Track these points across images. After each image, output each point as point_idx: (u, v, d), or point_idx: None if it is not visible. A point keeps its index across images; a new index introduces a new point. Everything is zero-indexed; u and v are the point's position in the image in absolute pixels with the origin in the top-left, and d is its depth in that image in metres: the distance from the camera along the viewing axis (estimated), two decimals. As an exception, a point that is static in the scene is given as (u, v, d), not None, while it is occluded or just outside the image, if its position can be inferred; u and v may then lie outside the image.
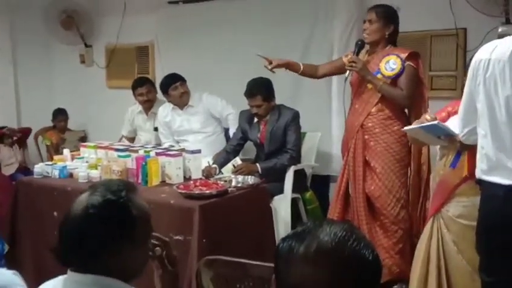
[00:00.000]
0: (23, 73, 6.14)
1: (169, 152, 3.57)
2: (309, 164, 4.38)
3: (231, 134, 4.42)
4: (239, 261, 2.00)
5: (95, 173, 3.56)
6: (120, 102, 5.41)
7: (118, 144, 4.16)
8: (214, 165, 3.88)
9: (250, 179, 3.55)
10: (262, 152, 4.16)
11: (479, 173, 2.32)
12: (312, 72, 3.75)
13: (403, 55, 3.34)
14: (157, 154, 3.55)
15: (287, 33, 4.71)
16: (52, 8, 5.91)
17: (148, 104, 4.91)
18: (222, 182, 3.33)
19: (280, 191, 3.97)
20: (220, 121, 4.60)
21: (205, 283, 2.01)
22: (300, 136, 4.15)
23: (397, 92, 3.35)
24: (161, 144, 4.44)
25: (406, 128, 2.96)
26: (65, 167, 3.73)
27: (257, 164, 4.00)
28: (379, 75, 3.36)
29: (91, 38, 6.16)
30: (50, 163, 3.92)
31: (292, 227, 3.75)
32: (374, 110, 3.39)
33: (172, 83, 4.44)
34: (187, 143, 4.42)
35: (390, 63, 3.34)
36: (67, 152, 4.09)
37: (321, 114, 4.60)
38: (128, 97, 5.04)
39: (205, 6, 5.20)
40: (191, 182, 3.33)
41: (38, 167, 3.79)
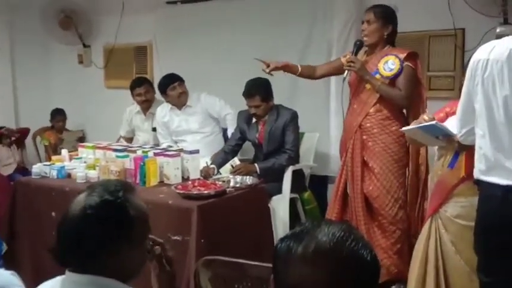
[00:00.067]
0: (21, 73, 6.14)
1: (167, 152, 3.57)
2: (308, 164, 4.38)
3: (229, 134, 4.42)
4: (237, 261, 2.00)
5: (93, 174, 3.56)
6: (118, 103, 5.40)
7: (116, 144, 4.15)
8: (213, 166, 3.87)
9: (249, 179, 3.55)
10: (260, 152, 4.16)
11: (477, 173, 2.32)
12: (310, 74, 3.74)
13: (402, 55, 3.33)
14: (155, 154, 3.55)
15: (286, 33, 4.70)
16: (50, 8, 5.91)
17: (146, 104, 4.91)
18: (220, 182, 3.33)
19: (279, 191, 3.97)
20: (218, 121, 4.60)
21: (203, 283, 2.00)
22: (298, 136, 4.15)
23: (395, 92, 3.35)
24: (160, 145, 4.45)
25: (404, 128, 2.96)
26: (63, 167, 3.72)
27: (255, 164, 4.00)
28: (377, 75, 3.36)
29: (89, 38, 6.16)
30: (48, 163, 3.92)
31: (290, 227, 3.75)
32: (372, 110, 3.39)
33: (170, 83, 4.44)
34: (185, 143, 4.41)
35: (388, 64, 3.34)
36: (65, 152, 4.08)
37: (319, 114, 4.60)
38: (127, 97, 5.04)
39: (203, 6, 5.20)
40: (189, 182, 3.32)
41: (36, 167, 3.78)
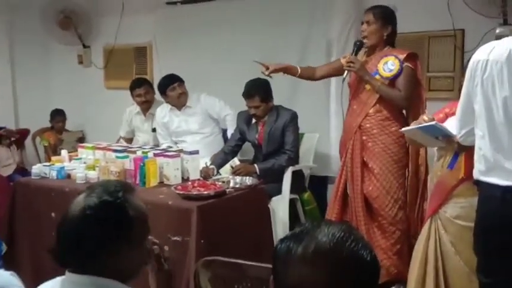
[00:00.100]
0: (21, 73, 6.14)
1: (167, 153, 3.56)
2: (307, 164, 4.38)
3: (229, 135, 4.42)
4: (237, 262, 2.00)
5: (93, 174, 3.56)
6: (118, 103, 5.40)
7: (116, 145, 4.15)
8: (212, 166, 3.87)
9: (248, 180, 3.55)
10: (260, 153, 4.16)
11: (476, 174, 2.32)
12: (310, 75, 3.74)
13: (401, 56, 3.33)
14: (155, 155, 3.54)
15: (285, 33, 4.71)
16: (50, 8, 5.90)
17: (146, 105, 4.91)
18: (219, 183, 3.33)
19: (278, 191, 3.97)
20: (218, 122, 4.60)
21: (203, 284, 2.00)
22: (298, 137, 4.15)
23: (395, 93, 3.35)
24: (159, 145, 4.44)
25: (404, 129, 2.96)
26: (62, 167, 3.72)
27: (255, 165, 3.99)
28: (377, 76, 3.36)
29: (89, 38, 6.16)
30: (47, 164, 3.91)
31: (290, 228, 3.74)
32: (372, 111, 3.39)
33: (170, 84, 4.44)
34: (185, 143, 4.41)
35: (388, 64, 3.34)
36: (64, 152, 4.07)
37: (319, 115, 4.60)
38: (126, 98, 5.03)
39: (203, 7, 5.20)
40: (189, 183, 3.32)
41: (36, 168, 3.78)
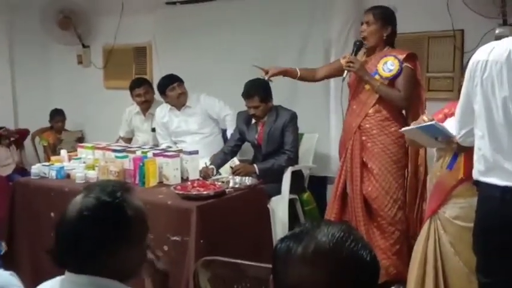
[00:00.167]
0: (20, 73, 6.13)
1: (167, 153, 3.56)
2: (307, 165, 4.38)
3: (229, 135, 4.42)
4: (236, 262, 2.00)
5: (93, 174, 3.55)
6: (117, 103, 5.40)
7: (115, 145, 4.15)
8: (212, 166, 3.87)
9: (248, 180, 3.55)
10: (259, 153, 4.16)
11: (476, 174, 2.32)
12: (310, 77, 3.74)
13: (401, 56, 3.33)
14: (155, 155, 3.54)
15: (285, 33, 4.71)
16: (50, 8, 5.90)
17: (146, 105, 4.91)
18: (219, 183, 3.33)
19: (278, 192, 3.97)
20: (217, 122, 4.60)
21: (202, 284, 2.01)
22: (297, 137, 4.14)
23: (394, 93, 3.35)
24: (159, 145, 4.44)
25: (404, 129, 2.95)
26: (62, 167, 3.72)
27: (254, 165, 3.99)
28: (377, 76, 3.36)
29: (88, 38, 6.16)
30: (47, 164, 3.91)
31: (289, 228, 3.72)
32: (371, 111, 3.39)
33: (170, 84, 4.44)
34: (185, 143, 4.41)
35: (388, 65, 3.34)
36: (64, 152, 4.07)
37: (318, 115, 4.60)
38: (126, 98, 5.03)
39: (202, 7, 5.20)
40: (188, 183, 3.32)
41: (35, 168, 3.78)
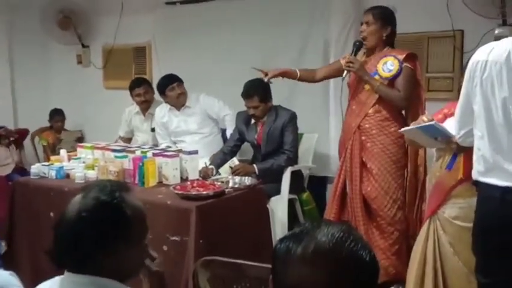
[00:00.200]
0: (20, 73, 6.13)
1: (166, 153, 3.56)
2: (306, 165, 4.38)
3: (228, 135, 4.42)
4: (236, 262, 2.00)
5: (92, 174, 3.56)
6: (117, 103, 5.40)
7: (115, 144, 4.15)
8: (211, 166, 3.87)
9: (247, 180, 3.55)
10: (259, 153, 4.16)
11: (475, 175, 2.32)
12: (310, 78, 3.74)
13: (401, 56, 3.33)
14: (154, 155, 3.54)
15: (285, 33, 4.71)
16: (49, 8, 5.90)
17: (146, 105, 4.91)
18: (218, 183, 3.33)
19: (277, 192, 3.97)
20: (217, 122, 4.60)
21: (202, 284, 2.01)
22: (297, 137, 4.14)
23: (394, 93, 3.35)
24: (158, 145, 4.44)
25: (403, 129, 2.95)
26: (61, 167, 3.72)
27: (254, 165, 4.00)
28: (376, 76, 3.36)
29: (88, 38, 6.16)
30: (46, 163, 3.91)
31: (289, 228, 3.76)
32: (371, 111, 3.39)
33: (169, 84, 4.44)
34: (184, 143, 4.41)
35: (387, 65, 3.34)
36: (63, 152, 4.07)
37: (318, 115, 4.60)
38: (125, 98, 5.03)
39: (202, 7, 5.20)
40: (188, 182, 3.32)
41: (35, 168, 3.78)
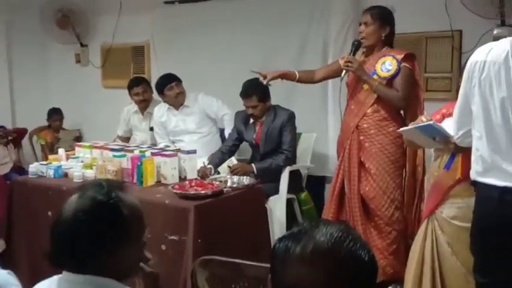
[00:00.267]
0: (18, 73, 6.12)
1: (165, 152, 3.56)
2: (305, 164, 4.38)
3: (227, 134, 4.42)
4: (234, 261, 2.00)
5: (90, 173, 3.55)
6: (115, 102, 5.40)
7: (113, 144, 4.14)
8: (210, 166, 3.87)
9: (246, 180, 3.55)
10: (257, 152, 4.16)
11: (474, 175, 2.32)
12: (309, 79, 3.75)
13: (399, 56, 3.34)
14: (153, 154, 3.54)
15: (284, 33, 4.71)
16: (48, 7, 5.89)
17: (144, 104, 4.91)
18: (217, 183, 3.33)
19: (276, 191, 3.97)
20: (215, 121, 4.60)
21: (200, 283, 2.01)
22: (295, 137, 4.15)
23: (393, 93, 3.35)
24: (157, 144, 4.44)
25: (402, 129, 2.95)
26: (60, 166, 3.72)
27: (252, 165, 4.00)
28: (375, 76, 3.36)
29: (86, 37, 6.15)
30: (45, 163, 3.90)
31: (287, 228, 3.76)
32: (369, 111, 3.40)
33: (168, 83, 4.44)
34: (183, 143, 4.41)
35: (386, 65, 3.34)
36: (61, 151, 4.07)
37: (316, 115, 4.60)
38: (124, 97, 5.03)
39: (201, 6, 5.19)
40: (186, 182, 3.32)
41: (33, 167, 3.77)
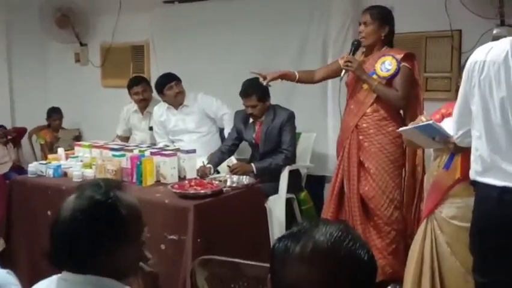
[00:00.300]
0: (18, 72, 6.11)
1: (164, 152, 3.56)
2: (304, 164, 4.38)
3: (226, 134, 4.42)
4: (234, 261, 2.00)
5: (90, 172, 3.55)
6: (115, 102, 5.40)
7: (112, 143, 4.14)
8: (209, 165, 3.87)
9: (245, 179, 3.55)
10: (257, 152, 4.16)
11: (473, 175, 2.32)
12: (309, 79, 3.75)
13: (399, 56, 3.34)
14: (152, 154, 3.54)
15: (284, 33, 4.71)
16: (47, 7, 5.89)
17: (144, 103, 4.91)
18: (216, 182, 3.33)
19: (275, 191, 3.97)
20: (215, 121, 4.60)
21: (199, 283, 2.01)
22: (295, 136, 4.15)
23: (392, 93, 3.35)
24: (156, 144, 4.44)
25: (401, 129, 2.95)
26: (59, 166, 3.72)
27: (252, 164, 4.00)
28: (374, 75, 3.36)
29: (86, 36, 6.14)
30: (44, 162, 3.90)
31: (286, 227, 3.76)
32: (369, 110, 3.40)
33: (167, 83, 4.44)
34: (182, 142, 4.41)
35: (385, 64, 3.34)
36: (61, 151, 4.07)
37: (316, 114, 4.60)
38: (123, 96, 5.03)
39: (200, 6, 5.19)
40: (186, 181, 3.33)
41: (32, 166, 3.77)
